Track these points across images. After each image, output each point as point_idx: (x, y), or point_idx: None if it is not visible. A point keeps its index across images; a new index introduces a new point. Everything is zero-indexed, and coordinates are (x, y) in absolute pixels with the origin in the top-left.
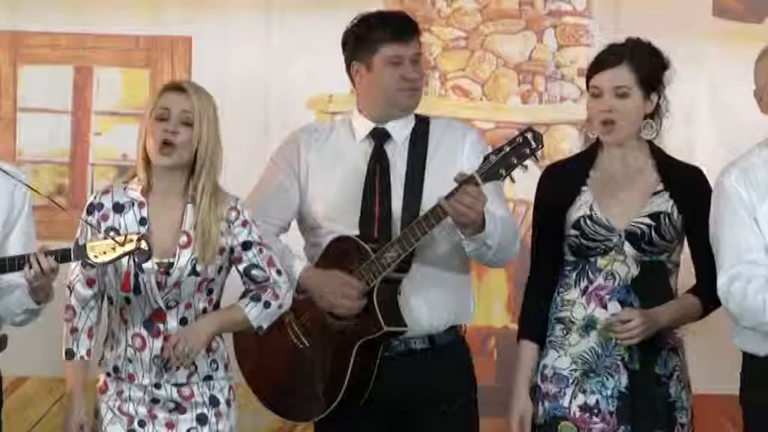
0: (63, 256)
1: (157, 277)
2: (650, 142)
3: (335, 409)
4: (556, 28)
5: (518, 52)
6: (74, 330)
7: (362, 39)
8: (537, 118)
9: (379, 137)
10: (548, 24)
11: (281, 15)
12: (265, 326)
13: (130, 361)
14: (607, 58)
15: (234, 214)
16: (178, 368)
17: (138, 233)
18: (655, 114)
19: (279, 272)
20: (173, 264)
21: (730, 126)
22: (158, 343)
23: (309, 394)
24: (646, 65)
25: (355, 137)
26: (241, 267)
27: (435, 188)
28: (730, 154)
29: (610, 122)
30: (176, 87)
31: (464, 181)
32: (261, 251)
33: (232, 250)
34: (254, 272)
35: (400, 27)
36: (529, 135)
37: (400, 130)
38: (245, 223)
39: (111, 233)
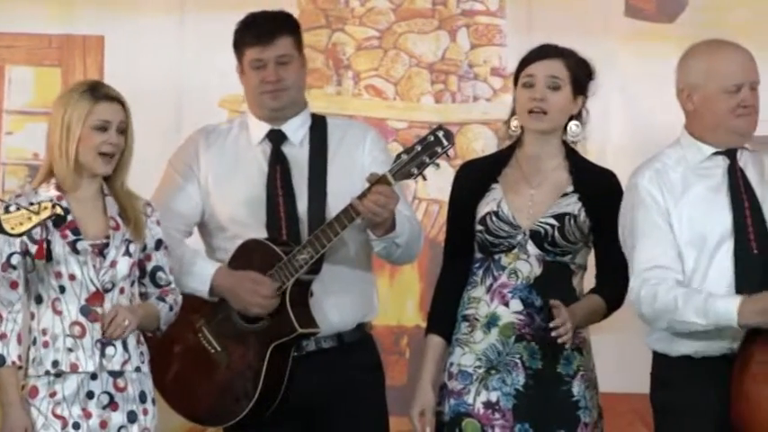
0: None
1: (93, 259)
2: (565, 143)
3: (251, 414)
4: (469, 28)
5: (431, 52)
6: (2, 336)
7: (235, 43)
8: (450, 117)
9: (276, 138)
10: (461, 24)
11: (194, 15)
12: (164, 329)
13: (71, 350)
14: (543, 51)
15: (149, 209)
16: (116, 339)
17: (51, 200)
18: (578, 119)
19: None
20: (107, 244)
21: (642, 126)
22: (98, 327)
23: (224, 399)
24: (577, 66)
25: (252, 138)
26: (149, 266)
27: (339, 187)
28: (642, 154)
29: (541, 112)
30: (111, 97)
31: (376, 181)
32: (165, 254)
33: (145, 247)
34: (159, 273)
35: (261, 30)
36: (440, 133)
37: (296, 131)
38: (158, 222)
39: (24, 204)
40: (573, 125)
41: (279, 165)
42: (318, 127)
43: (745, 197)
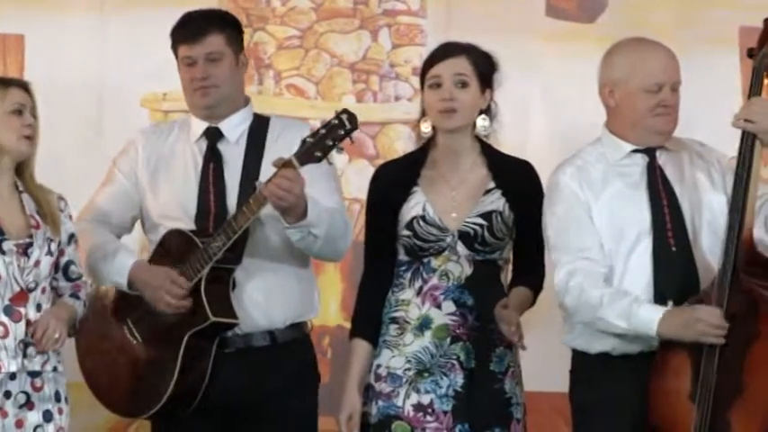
0: None
1: (18, 259)
2: (480, 140)
3: (171, 405)
4: (390, 27)
5: (352, 51)
6: None
7: (171, 41)
8: (371, 117)
9: (212, 136)
10: (382, 24)
11: (114, 14)
12: (77, 325)
13: None
14: (447, 50)
15: (63, 204)
16: (45, 351)
17: None
18: (488, 113)
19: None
20: (31, 243)
21: (563, 125)
22: (21, 327)
23: (142, 390)
24: (481, 60)
25: (191, 136)
26: (63, 261)
27: None
28: (563, 153)
29: (451, 110)
30: (19, 84)
31: (282, 165)
32: (76, 248)
33: (59, 242)
34: (72, 267)
35: (189, 28)
36: (343, 116)
37: (233, 129)
38: (71, 216)
39: None
40: (480, 119)
41: (213, 161)
42: (259, 126)
43: (663, 195)
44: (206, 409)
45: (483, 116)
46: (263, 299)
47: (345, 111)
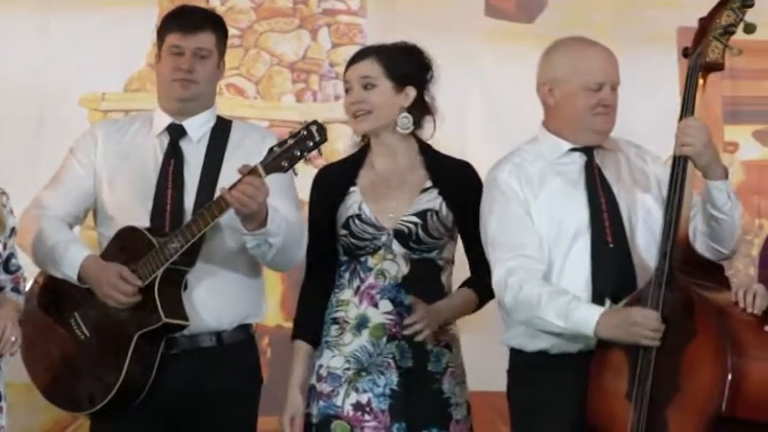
0: None
1: None
2: (419, 140)
3: (113, 403)
4: (330, 27)
5: (292, 51)
6: None
7: (159, 30)
8: (311, 116)
9: (174, 132)
10: (322, 23)
11: (56, 14)
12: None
13: None
14: (356, 55)
15: (4, 198)
16: (2, 356)
17: None
18: (415, 109)
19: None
20: None
21: (500, 124)
22: None
23: (87, 386)
24: (394, 58)
25: (153, 130)
26: (4, 255)
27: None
28: (500, 151)
29: (360, 113)
30: None
31: (248, 172)
32: (14, 241)
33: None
34: (12, 260)
35: (187, 20)
36: (313, 128)
37: (197, 129)
38: (12, 211)
39: None
40: (402, 117)
41: (173, 158)
42: (221, 128)
43: (601, 193)
44: (148, 409)
45: (405, 114)
46: (213, 301)
47: (315, 122)
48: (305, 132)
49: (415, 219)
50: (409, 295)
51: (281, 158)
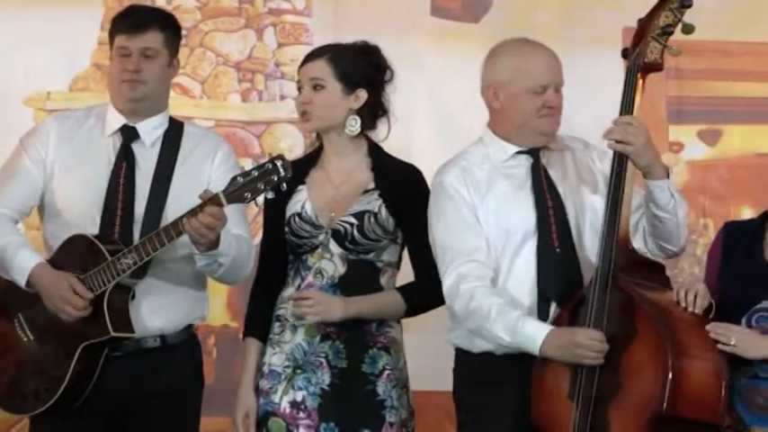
0: None
1: None
2: (370, 141)
3: (55, 406)
4: (276, 26)
5: (238, 50)
6: None
7: (109, 31)
8: (257, 116)
9: (127, 135)
10: (267, 23)
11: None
12: None
13: None
14: (309, 55)
15: None
16: None
17: None
18: (366, 111)
19: None
20: None
21: (447, 124)
22: None
23: (28, 388)
24: (346, 60)
25: (106, 129)
26: None
27: (181, 194)
28: (446, 152)
29: (305, 114)
30: None
31: (209, 199)
32: None
33: None
34: None
35: (132, 20)
36: (279, 163)
37: (150, 131)
38: None
39: None
40: (350, 119)
41: (125, 161)
42: (174, 132)
43: (548, 195)
44: (90, 410)
45: (353, 116)
46: (158, 310)
47: (281, 157)
48: (270, 166)
49: (352, 219)
50: (345, 295)
51: (244, 189)
